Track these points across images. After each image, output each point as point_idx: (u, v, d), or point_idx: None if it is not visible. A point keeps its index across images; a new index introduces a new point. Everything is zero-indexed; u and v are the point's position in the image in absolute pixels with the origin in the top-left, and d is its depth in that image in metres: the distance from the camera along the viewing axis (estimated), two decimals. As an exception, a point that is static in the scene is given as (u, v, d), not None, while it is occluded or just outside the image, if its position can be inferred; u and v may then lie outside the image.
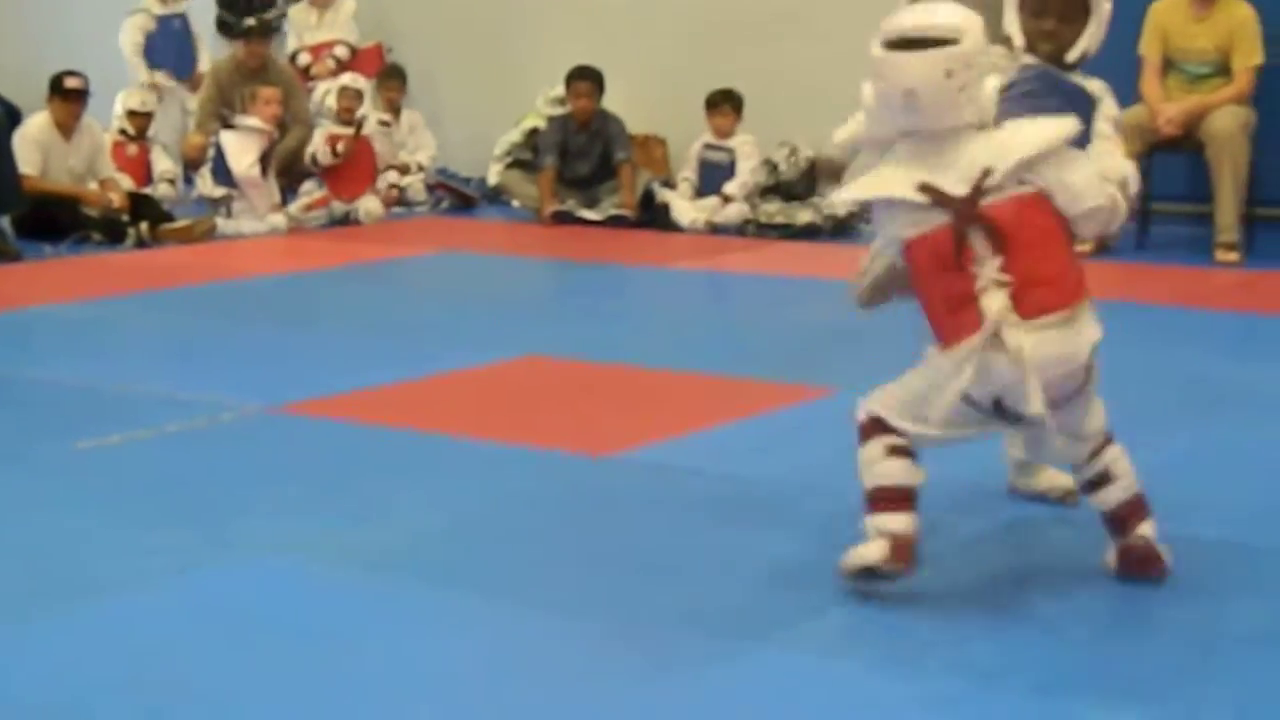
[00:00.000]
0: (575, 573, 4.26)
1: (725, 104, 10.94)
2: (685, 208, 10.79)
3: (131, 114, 11.85)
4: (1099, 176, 3.97)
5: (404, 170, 12.01)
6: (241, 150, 10.92)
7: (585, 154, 11.14)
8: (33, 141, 10.56)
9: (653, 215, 10.87)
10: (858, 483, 4.04)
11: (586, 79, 11.12)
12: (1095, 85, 4.36)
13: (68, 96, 10.70)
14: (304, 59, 12.90)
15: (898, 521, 3.94)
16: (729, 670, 3.61)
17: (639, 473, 5.16)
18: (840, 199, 4.13)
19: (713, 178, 10.89)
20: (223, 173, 10.95)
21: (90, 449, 5.47)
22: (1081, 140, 4.13)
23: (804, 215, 10.42)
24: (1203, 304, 7.98)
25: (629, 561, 4.33)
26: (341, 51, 12.89)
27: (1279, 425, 5.60)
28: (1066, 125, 3.93)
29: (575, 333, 7.47)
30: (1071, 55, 4.29)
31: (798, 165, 10.86)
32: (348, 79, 11.75)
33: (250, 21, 12.19)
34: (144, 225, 10.43)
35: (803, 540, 4.43)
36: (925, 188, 3.82)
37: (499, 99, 12.25)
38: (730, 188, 10.76)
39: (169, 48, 12.96)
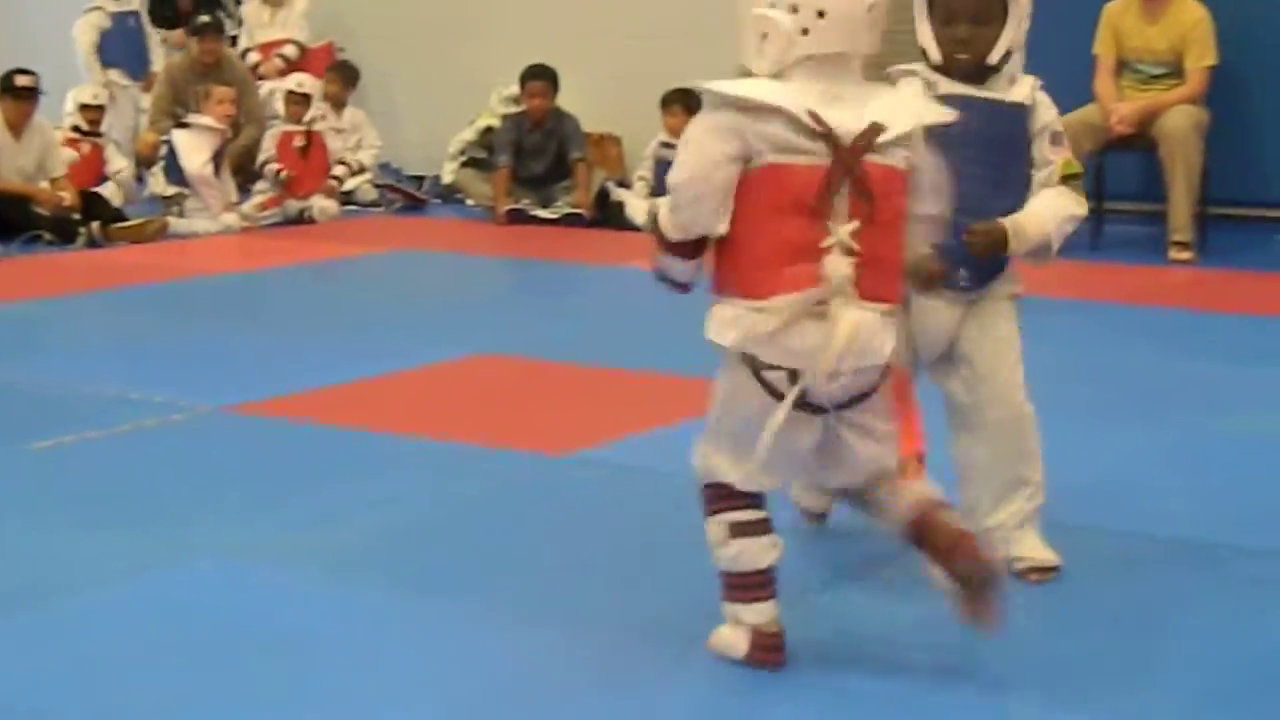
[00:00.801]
0: (530, 574, 4.24)
1: (680, 103, 10.92)
2: (640, 206, 10.78)
3: (84, 107, 11.67)
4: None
5: (352, 168, 11.99)
6: (194, 149, 10.86)
7: (540, 153, 11.13)
8: (-18, 140, 10.50)
9: (607, 214, 10.86)
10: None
11: (541, 78, 11.11)
12: (1023, 90, 4.04)
13: (18, 95, 10.62)
14: (253, 58, 12.85)
15: (755, 613, 3.58)
16: (684, 675, 3.60)
17: (593, 472, 5.14)
18: (714, 88, 3.45)
19: (668, 176, 10.85)
20: (175, 171, 10.90)
21: (42, 450, 5.42)
22: (1018, 154, 3.97)
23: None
24: (1156, 302, 8.01)
25: (583, 562, 4.31)
26: (290, 51, 12.85)
27: (1231, 423, 5.62)
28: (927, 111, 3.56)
29: (529, 332, 7.45)
30: (993, 57, 3.96)
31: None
32: (293, 82, 11.72)
33: (204, 18, 12.14)
34: (95, 224, 10.36)
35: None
36: (815, 116, 3.39)
37: (453, 97, 12.22)
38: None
39: (123, 46, 12.91)
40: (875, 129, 3.40)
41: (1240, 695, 3.48)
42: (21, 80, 10.63)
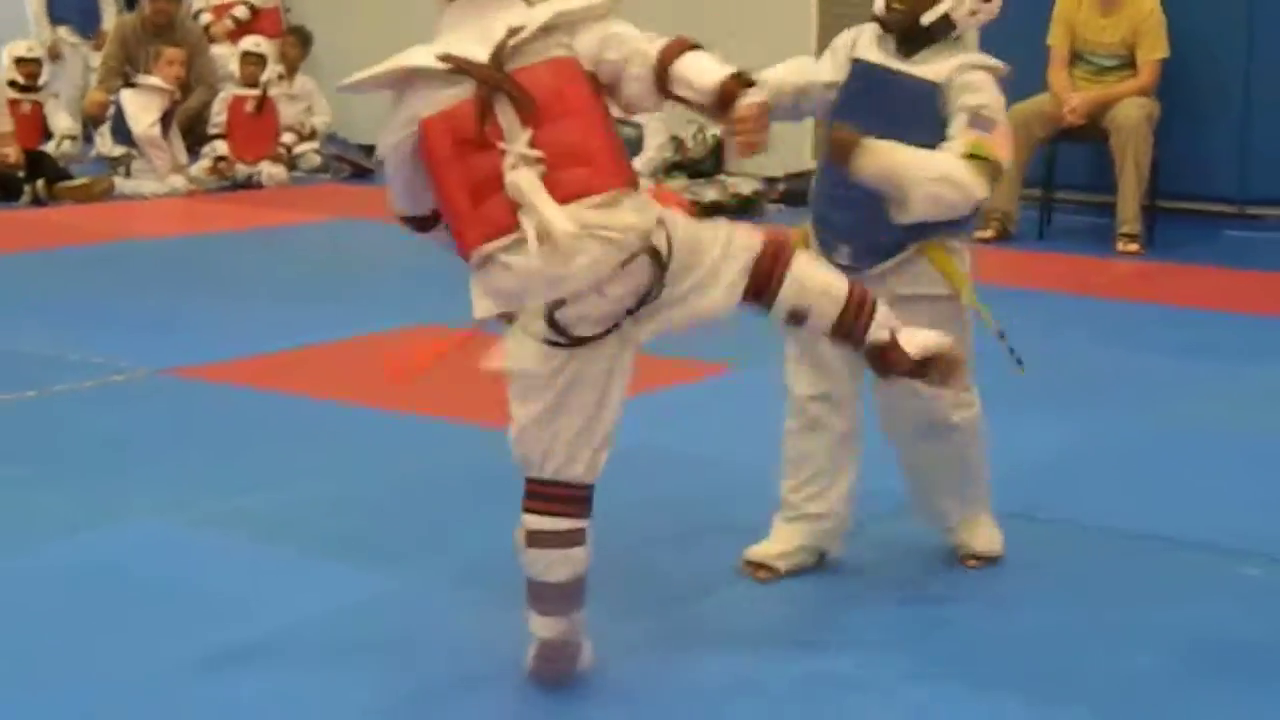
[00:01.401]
0: (465, 542, 4.23)
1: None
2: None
3: (19, 61, 11.43)
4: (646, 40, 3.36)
5: (302, 135, 11.93)
6: (141, 109, 10.78)
7: (493, 126, 11.07)
8: (-73, 95, 10.40)
9: (559, 189, 10.81)
10: (751, 459, 4.02)
11: (494, 51, 11.05)
12: (947, 68, 3.74)
13: (-36, 50, 10.53)
14: (205, 18, 12.76)
15: (544, 626, 3.40)
16: (622, 640, 3.59)
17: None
18: (351, 83, 3.41)
19: (620, 153, 10.82)
20: (122, 132, 10.81)
21: (-25, 407, 5.39)
22: (921, 132, 3.68)
23: (710, 193, 10.41)
24: (1101, 293, 8.04)
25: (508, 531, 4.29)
26: (241, 12, 12.77)
27: (1169, 415, 5.63)
28: None
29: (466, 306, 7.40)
30: (928, 17, 3.74)
31: (705, 143, 10.85)
32: (250, 43, 11.64)
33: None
34: (40, 183, 10.28)
35: (691, 514, 4.42)
36: (446, 57, 3.26)
37: (406, 66, 12.14)
38: (637, 164, 10.65)
39: (73, 3, 12.79)
40: (510, 34, 3.26)
41: (1163, 680, 3.50)
42: (-33, 36, 10.53)
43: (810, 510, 3.99)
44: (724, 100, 3.25)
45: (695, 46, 3.32)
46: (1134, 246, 9.17)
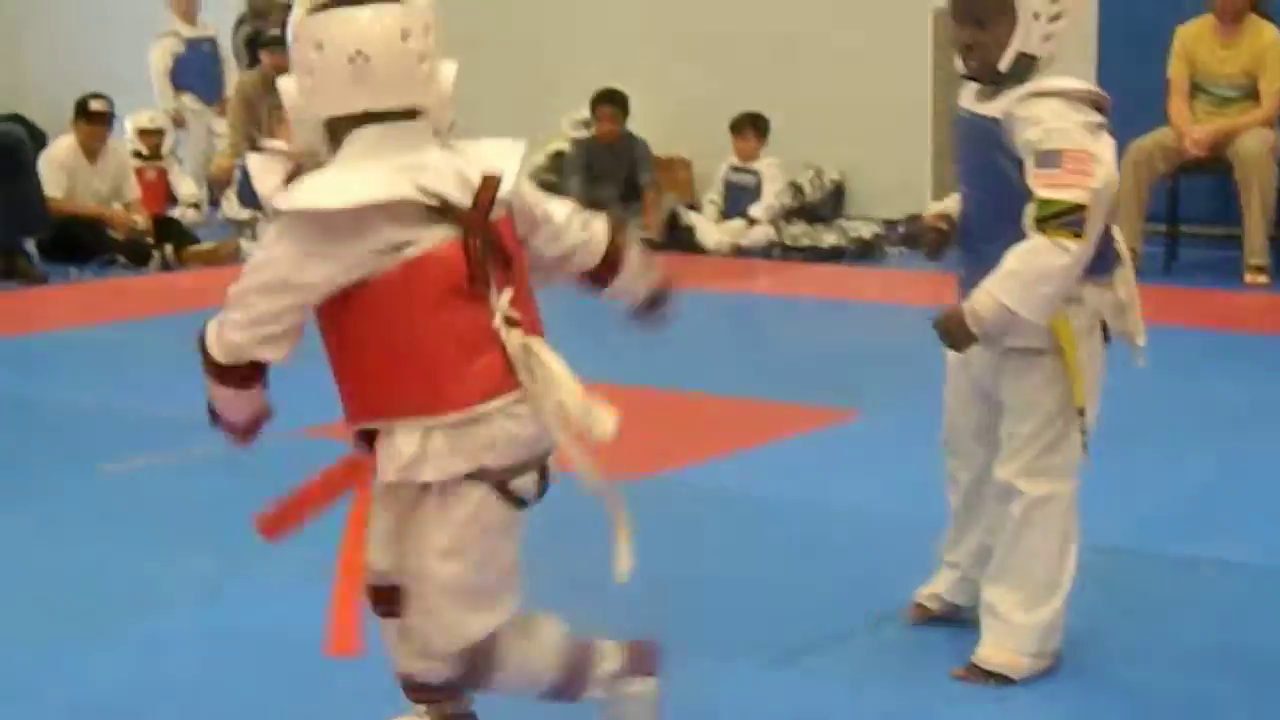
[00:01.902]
0: (593, 594, 4.22)
1: (750, 128, 10.93)
2: (710, 230, 10.78)
3: (142, 132, 11.74)
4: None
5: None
6: (266, 172, 10.91)
7: (610, 176, 11.13)
8: (58, 164, 10.62)
9: (678, 238, 10.86)
10: (880, 506, 4.00)
11: (611, 102, 11.12)
12: (1008, 100, 3.52)
13: (92, 119, 10.74)
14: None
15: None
16: (744, 693, 3.58)
17: (663, 495, 5.12)
18: (300, 205, 3.16)
19: (738, 200, 10.88)
20: (249, 195, 10.98)
21: (114, 473, 5.47)
22: (999, 176, 3.52)
23: (829, 238, 10.42)
24: (1231, 326, 7.94)
25: (647, 582, 4.29)
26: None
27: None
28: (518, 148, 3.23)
29: (600, 356, 7.41)
30: (1004, 63, 3.51)
31: (823, 188, 10.86)
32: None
33: (275, 31, 12.23)
34: (169, 248, 10.46)
35: (824, 563, 4.41)
36: (431, 193, 2.95)
37: (524, 122, 12.16)
38: (755, 210, 10.74)
39: (197, 71, 13.02)
40: (492, 182, 3.04)
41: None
42: (95, 105, 10.74)
43: (946, 557, 3.98)
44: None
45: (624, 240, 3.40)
46: (1263, 278, 9.07)
